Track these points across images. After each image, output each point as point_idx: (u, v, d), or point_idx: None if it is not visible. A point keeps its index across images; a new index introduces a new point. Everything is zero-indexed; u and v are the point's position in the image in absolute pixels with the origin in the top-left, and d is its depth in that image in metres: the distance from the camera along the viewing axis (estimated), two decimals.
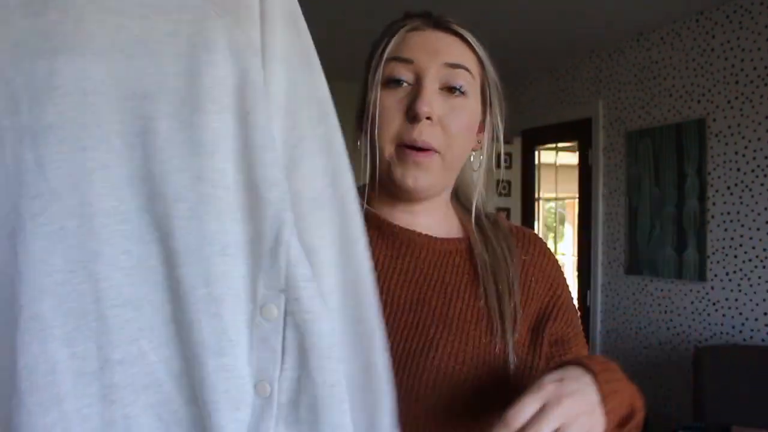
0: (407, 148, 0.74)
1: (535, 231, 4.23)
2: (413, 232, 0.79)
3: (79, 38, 0.48)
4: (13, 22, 0.48)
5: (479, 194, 0.83)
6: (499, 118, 0.82)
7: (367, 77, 0.77)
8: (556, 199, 4.55)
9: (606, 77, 3.51)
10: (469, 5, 2.87)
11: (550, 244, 4.92)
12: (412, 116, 0.73)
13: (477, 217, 0.83)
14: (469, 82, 0.76)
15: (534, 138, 4.15)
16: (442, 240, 0.80)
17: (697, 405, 2.41)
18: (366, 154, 0.76)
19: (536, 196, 4.19)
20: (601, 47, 3.51)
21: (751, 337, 2.65)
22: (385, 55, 0.75)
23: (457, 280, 0.77)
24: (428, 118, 0.73)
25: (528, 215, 4.22)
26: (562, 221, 5.38)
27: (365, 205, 0.80)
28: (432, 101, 0.73)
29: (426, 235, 0.79)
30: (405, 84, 0.75)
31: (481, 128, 0.82)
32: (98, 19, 0.49)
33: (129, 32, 0.50)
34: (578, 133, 3.71)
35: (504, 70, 0.81)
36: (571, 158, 4.17)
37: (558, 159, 4.33)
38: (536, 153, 4.19)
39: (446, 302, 0.75)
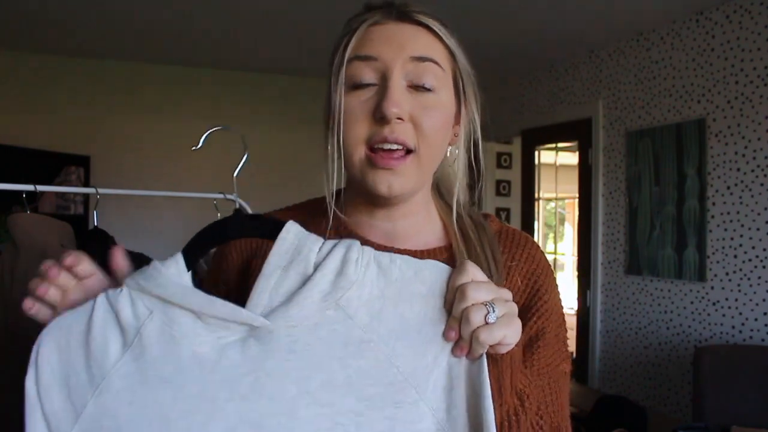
0: (379, 151, 0.69)
1: (535, 231, 4.24)
2: (392, 250, 0.74)
3: None
4: (219, 404, 0.51)
5: (458, 191, 0.77)
6: (474, 109, 0.77)
7: (331, 78, 0.72)
8: (556, 199, 4.55)
9: (606, 77, 3.51)
10: (469, 5, 2.87)
11: (550, 245, 4.92)
12: (380, 117, 0.68)
13: (458, 217, 0.78)
14: (439, 75, 0.71)
15: (534, 138, 4.15)
16: (422, 253, 0.76)
17: (697, 405, 2.41)
18: (334, 159, 0.72)
19: (536, 196, 4.19)
20: (601, 47, 3.51)
21: (751, 337, 2.64)
22: (347, 54, 0.70)
23: None
24: (399, 118, 0.69)
25: (528, 215, 4.21)
26: (562, 221, 5.38)
27: (344, 218, 0.77)
28: (400, 100, 0.68)
29: (405, 251, 0.75)
30: (370, 84, 0.70)
31: (457, 120, 0.77)
32: (312, 414, 0.51)
33: (344, 430, 0.52)
34: (578, 133, 3.71)
35: (504, 70, 0.80)
36: (571, 158, 4.17)
37: (558, 159, 4.33)
38: (536, 153, 4.19)
39: None
